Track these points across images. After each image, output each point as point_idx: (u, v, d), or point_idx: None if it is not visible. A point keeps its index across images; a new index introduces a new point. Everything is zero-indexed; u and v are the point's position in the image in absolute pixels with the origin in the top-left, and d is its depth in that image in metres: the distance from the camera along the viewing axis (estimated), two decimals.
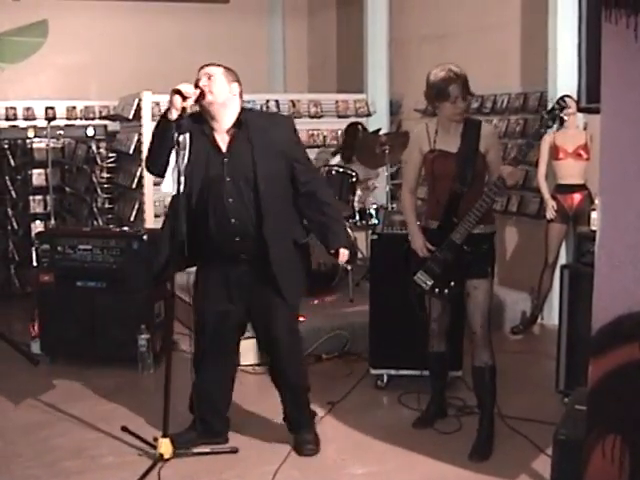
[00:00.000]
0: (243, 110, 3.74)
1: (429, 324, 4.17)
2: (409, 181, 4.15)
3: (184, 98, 3.50)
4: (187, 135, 3.55)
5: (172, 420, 3.80)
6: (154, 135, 3.70)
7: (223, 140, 3.68)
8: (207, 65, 3.70)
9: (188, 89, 3.53)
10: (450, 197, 3.89)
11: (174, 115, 3.52)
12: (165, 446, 3.72)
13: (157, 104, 6.93)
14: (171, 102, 3.51)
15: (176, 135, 3.52)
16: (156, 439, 3.78)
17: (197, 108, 3.70)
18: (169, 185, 3.62)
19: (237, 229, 3.65)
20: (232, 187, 3.64)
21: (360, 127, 7.23)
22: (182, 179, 3.54)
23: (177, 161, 3.54)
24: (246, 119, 3.70)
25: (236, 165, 3.64)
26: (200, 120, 3.70)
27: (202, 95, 3.58)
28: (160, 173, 3.67)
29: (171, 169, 3.58)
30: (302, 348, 4.20)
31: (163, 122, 3.59)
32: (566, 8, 5.99)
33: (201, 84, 3.60)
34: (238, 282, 3.76)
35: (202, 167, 3.65)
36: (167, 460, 3.71)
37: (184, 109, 3.52)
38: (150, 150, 3.74)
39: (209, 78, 3.62)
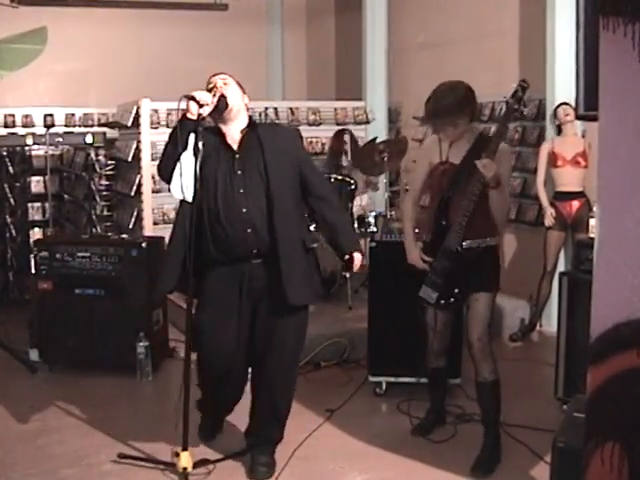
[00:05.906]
0: (251, 118, 3.75)
1: (430, 339, 4.10)
2: (414, 191, 4.11)
3: (200, 106, 3.45)
4: (201, 143, 3.48)
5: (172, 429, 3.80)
6: (169, 141, 3.59)
7: (234, 141, 3.66)
8: (219, 73, 3.68)
9: (204, 96, 3.47)
10: (439, 204, 3.87)
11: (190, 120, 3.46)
12: (186, 459, 3.57)
13: (156, 111, 6.95)
14: (187, 108, 3.44)
15: (193, 140, 3.46)
16: (177, 454, 3.61)
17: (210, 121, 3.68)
18: (177, 190, 3.52)
19: (248, 219, 3.58)
20: (242, 179, 3.60)
21: (348, 134, 7.09)
22: (194, 184, 3.48)
23: (193, 166, 3.46)
24: (254, 124, 3.73)
25: (247, 160, 3.62)
26: (211, 131, 3.68)
27: (222, 101, 3.51)
28: (169, 179, 3.58)
29: (178, 174, 3.48)
30: (298, 359, 3.97)
31: (180, 126, 3.47)
32: (564, 16, 6.01)
33: (218, 85, 3.56)
34: (249, 281, 3.66)
35: (213, 168, 3.61)
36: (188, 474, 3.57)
37: (200, 116, 3.45)
38: (163, 156, 3.64)
39: (225, 83, 3.61)
